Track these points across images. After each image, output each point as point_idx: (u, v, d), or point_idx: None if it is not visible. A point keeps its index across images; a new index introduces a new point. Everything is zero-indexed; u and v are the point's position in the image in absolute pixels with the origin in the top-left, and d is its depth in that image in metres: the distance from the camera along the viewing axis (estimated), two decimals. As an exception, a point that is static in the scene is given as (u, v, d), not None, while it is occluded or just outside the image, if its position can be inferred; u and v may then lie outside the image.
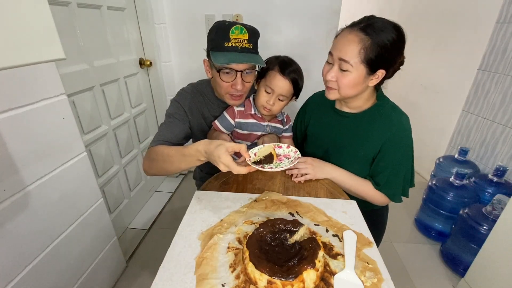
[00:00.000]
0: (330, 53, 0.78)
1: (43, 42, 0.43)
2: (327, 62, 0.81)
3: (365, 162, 0.88)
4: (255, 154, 0.73)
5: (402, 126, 0.82)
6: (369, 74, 0.75)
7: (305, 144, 1.04)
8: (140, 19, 1.64)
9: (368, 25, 0.71)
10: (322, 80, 0.84)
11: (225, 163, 0.63)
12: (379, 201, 0.87)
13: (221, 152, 0.63)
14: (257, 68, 0.89)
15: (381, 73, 0.76)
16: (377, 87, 0.86)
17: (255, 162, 0.70)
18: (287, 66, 0.87)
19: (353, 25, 0.74)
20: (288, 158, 0.74)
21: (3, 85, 0.71)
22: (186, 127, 0.92)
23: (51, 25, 0.43)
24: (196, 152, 0.71)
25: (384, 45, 0.70)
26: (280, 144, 0.79)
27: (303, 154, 1.02)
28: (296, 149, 0.75)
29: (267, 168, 0.68)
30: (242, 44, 0.80)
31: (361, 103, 0.86)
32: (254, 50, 0.84)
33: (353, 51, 0.71)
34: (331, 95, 0.82)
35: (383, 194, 0.85)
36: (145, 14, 1.63)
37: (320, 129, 0.97)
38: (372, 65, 0.73)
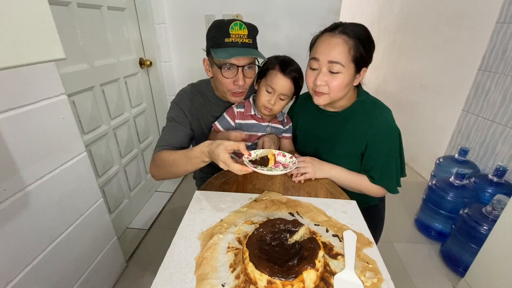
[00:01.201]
0: (314, 58, 0.79)
1: (43, 42, 0.43)
2: (311, 69, 0.81)
3: (354, 159, 0.90)
4: (256, 155, 0.76)
5: (385, 121, 0.84)
6: (356, 73, 0.79)
7: (295, 145, 1.06)
8: (140, 19, 1.64)
9: (345, 29, 0.76)
10: None
11: (223, 161, 0.65)
12: (378, 194, 0.90)
13: (220, 151, 0.65)
14: (256, 63, 0.89)
15: (363, 71, 0.81)
16: (357, 85, 0.89)
17: (252, 162, 0.72)
18: (287, 66, 0.87)
19: (331, 30, 0.78)
20: (285, 168, 0.76)
21: (3, 85, 0.71)
22: (188, 130, 0.92)
23: (51, 25, 0.43)
24: (200, 154, 0.73)
25: (364, 44, 0.76)
26: (285, 153, 0.80)
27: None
28: (295, 161, 0.77)
29: (259, 169, 0.69)
30: (242, 40, 0.81)
31: (344, 102, 0.88)
32: (254, 45, 0.85)
33: (343, 51, 0.75)
34: (322, 100, 0.83)
35: (380, 187, 0.88)
36: (145, 14, 1.63)
37: (307, 130, 1.00)
38: (358, 64, 0.77)
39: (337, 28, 0.77)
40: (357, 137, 0.86)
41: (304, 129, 1.01)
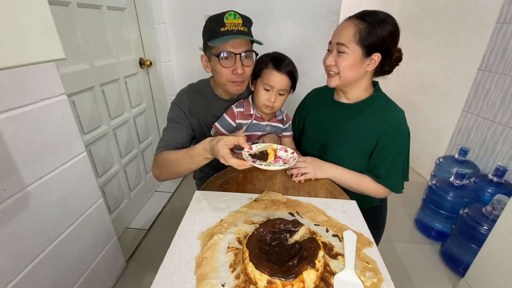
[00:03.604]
0: (330, 42, 0.84)
1: (43, 42, 0.42)
2: (328, 51, 0.85)
3: (362, 155, 0.89)
4: (257, 149, 0.76)
5: (398, 119, 0.84)
6: (365, 56, 0.79)
7: (302, 138, 1.05)
8: (140, 19, 1.64)
9: (364, 14, 0.79)
10: (321, 79, 0.85)
11: (222, 155, 0.66)
12: (380, 194, 0.89)
13: (220, 146, 0.66)
14: (255, 54, 0.89)
15: (377, 56, 0.79)
16: (374, 82, 0.89)
17: (252, 156, 0.73)
18: (280, 61, 0.88)
19: (351, 16, 0.81)
20: (285, 163, 0.75)
21: (3, 85, 0.71)
22: (189, 130, 0.92)
23: (51, 25, 0.43)
24: (202, 151, 0.74)
25: (377, 27, 0.76)
26: (287, 148, 0.80)
27: (301, 149, 1.04)
28: (296, 157, 0.77)
29: (257, 163, 0.69)
30: (237, 28, 0.82)
31: (359, 93, 0.88)
32: (249, 34, 0.86)
33: (348, 34, 0.78)
34: (332, 82, 0.85)
35: (383, 187, 0.87)
36: (145, 14, 1.63)
37: (318, 123, 0.99)
38: (366, 47, 0.77)
39: (357, 14, 0.79)
40: (369, 132, 0.85)
41: (314, 122, 1.00)
